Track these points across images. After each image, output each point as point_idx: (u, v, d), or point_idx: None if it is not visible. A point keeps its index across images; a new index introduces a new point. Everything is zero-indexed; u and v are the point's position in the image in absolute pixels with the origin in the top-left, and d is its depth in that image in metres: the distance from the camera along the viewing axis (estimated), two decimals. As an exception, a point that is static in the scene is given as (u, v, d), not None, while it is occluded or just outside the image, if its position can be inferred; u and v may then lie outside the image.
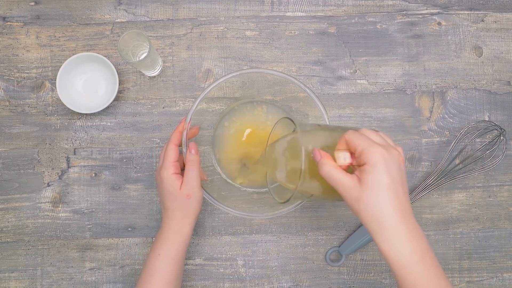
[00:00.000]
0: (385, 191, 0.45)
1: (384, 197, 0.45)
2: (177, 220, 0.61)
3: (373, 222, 0.46)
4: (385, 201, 0.45)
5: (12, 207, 0.72)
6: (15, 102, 0.73)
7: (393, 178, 0.45)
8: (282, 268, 0.71)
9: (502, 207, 0.73)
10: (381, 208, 0.45)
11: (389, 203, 0.45)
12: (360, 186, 0.46)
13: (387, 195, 0.45)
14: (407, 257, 0.45)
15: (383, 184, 0.45)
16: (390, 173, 0.45)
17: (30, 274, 0.71)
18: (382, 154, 0.46)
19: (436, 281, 0.46)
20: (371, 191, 0.45)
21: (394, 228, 0.45)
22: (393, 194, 0.45)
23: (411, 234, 0.45)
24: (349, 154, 0.48)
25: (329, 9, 0.75)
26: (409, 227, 0.46)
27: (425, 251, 0.46)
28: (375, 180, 0.45)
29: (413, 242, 0.45)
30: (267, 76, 0.65)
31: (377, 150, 0.46)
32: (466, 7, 0.75)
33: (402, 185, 0.47)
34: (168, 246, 0.60)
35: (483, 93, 0.74)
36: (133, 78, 0.73)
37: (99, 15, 0.74)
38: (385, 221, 0.45)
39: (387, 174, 0.45)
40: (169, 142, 0.62)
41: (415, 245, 0.45)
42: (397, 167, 0.46)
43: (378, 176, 0.45)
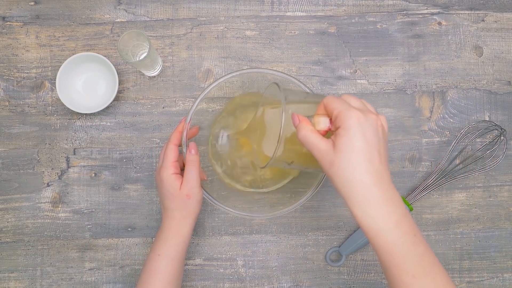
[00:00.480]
0: (357, 155, 0.44)
1: (356, 160, 0.44)
2: (176, 220, 0.61)
3: (345, 187, 0.45)
4: (357, 165, 0.44)
5: (12, 207, 0.72)
6: (15, 102, 0.73)
7: (367, 142, 0.44)
8: (282, 268, 0.71)
9: (502, 207, 0.73)
10: (353, 172, 0.44)
11: (361, 167, 0.44)
12: (334, 150, 0.45)
13: (360, 158, 0.44)
14: (380, 223, 0.44)
15: (356, 147, 0.44)
16: (365, 137, 0.44)
17: (30, 274, 0.71)
18: (358, 117, 0.44)
19: (412, 248, 0.44)
20: (343, 154, 0.44)
21: (366, 193, 0.44)
22: (366, 158, 0.44)
23: (385, 199, 0.44)
24: (329, 119, 0.48)
25: (329, 9, 0.74)
26: (383, 193, 0.44)
27: (401, 216, 0.45)
28: (348, 143, 0.44)
29: (387, 208, 0.44)
30: (267, 76, 0.65)
31: (352, 114, 0.45)
32: (467, 7, 0.75)
33: (378, 150, 0.45)
34: (168, 246, 0.60)
35: (484, 93, 0.74)
36: (133, 78, 0.73)
37: (99, 15, 0.74)
38: (357, 185, 0.44)
39: (361, 137, 0.44)
40: (169, 142, 0.62)
41: (389, 211, 0.44)
42: (373, 131, 0.45)
43: (351, 139, 0.44)
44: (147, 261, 0.61)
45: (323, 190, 0.72)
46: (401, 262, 0.44)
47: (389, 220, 0.44)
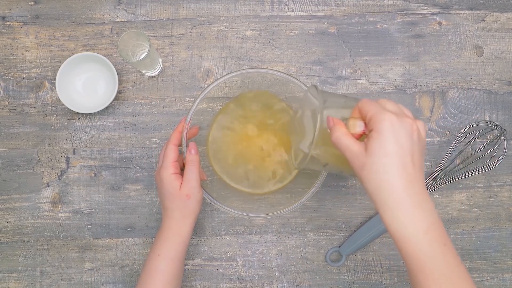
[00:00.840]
0: (389, 158, 0.43)
1: (388, 164, 0.43)
2: (176, 220, 0.60)
3: (376, 191, 0.44)
4: (389, 169, 0.43)
5: (12, 207, 0.72)
6: (15, 102, 0.73)
7: (401, 146, 0.43)
8: (282, 268, 0.71)
9: (502, 207, 0.73)
10: (384, 176, 0.43)
11: (393, 171, 0.43)
12: (366, 152, 0.44)
13: (392, 162, 0.43)
14: (409, 229, 0.43)
15: (388, 151, 0.43)
16: (398, 141, 0.43)
17: (30, 274, 0.71)
18: (391, 120, 0.44)
19: (441, 257, 0.43)
20: (375, 158, 0.43)
21: (396, 197, 0.43)
22: (398, 162, 0.43)
23: (416, 205, 0.43)
24: (363, 123, 0.48)
25: (329, 9, 0.74)
26: (415, 198, 0.43)
27: (432, 224, 0.44)
28: (380, 146, 0.43)
29: (418, 214, 0.43)
30: (267, 76, 0.65)
31: (385, 117, 0.44)
32: (467, 6, 0.75)
33: (411, 155, 0.44)
34: (168, 246, 0.60)
35: (484, 93, 0.74)
36: (133, 78, 0.73)
37: (99, 15, 0.74)
38: (388, 189, 0.43)
39: (394, 141, 0.43)
40: (169, 142, 0.62)
41: (419, 217, 0.43)
42: (407, 135, 0.44)
43: (384, 142, 0.43)
44: (147, 261, 0.61)
45: (323, 190, 0.72)
46: (427, 270, 0.43)
47: (419, 226, 0.43)
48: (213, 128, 0.68)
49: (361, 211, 0.72)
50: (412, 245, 0.43)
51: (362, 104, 0.47)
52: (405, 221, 0.43)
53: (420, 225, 0.43)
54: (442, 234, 0.44)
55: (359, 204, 0.72)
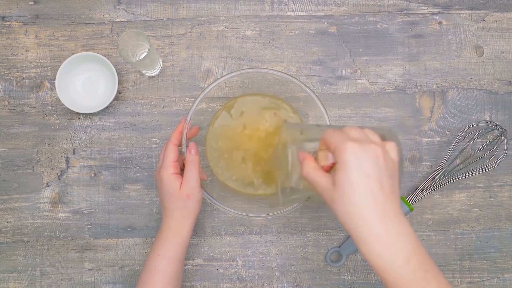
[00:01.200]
0: (356, 189, 0.42)
1: (355, 195, 0.42)
2: (176, 220, 0.60)
3: (348, 223, 0.43)
4: (357, 200, 0.42)
5: (11, 208, 0.71)
6: (14, 102, 0.73)
7: (366, 175, 0.42)
8: (282, 268, 0.71)
9: (503, 207, 0.72)
10: (353, 208, 0.43)
11: (361, 202, 0.42)
12: (334, 186, 0.44)
13: (359, 193, 0.42)
14: (388, 260, 0.42)
15: (354, 182, 0.42)
16: (362, 169, 0.42)
17: (29, 274, 0.71)
18: (354, 150, 0.43)
19: (423, 285, 0.42)
20: (342, 190, 0.43)
21: (369, 229, 0.42)
22: (366, 191, 0.42)
23: (391, 235, 0.42)
24: (329, 154, 0.46)
25: (329, 9, 0.74)
26: (390, 227, 0.42)
27: (411, 253, 0.43)
28: (346, 178, 0.42)
29: (394, 244, 0.42)
30: (267, 76, 0.65)
31: (347, 147, 0.43)
32: (467, 6, 0.75)
33: (379, 182, 0.43)
34: (168, 246, 0.60)
35: (484, 93, 0.74)
36: (133, 78, 0.73)
37: (99, 15, 0.73)
38: (359, 221, 0.43)
39: (358, 171, 0.42)
40: (169, 142, 0.62)
41: (396, 247, 0.42)
42: (372, 162, 0.43)
43: (348, 173, 0.42)
44: (146, 261, 0.61)
45: (323, 190, 0.72)
46: None
47: (397, 257, 0.42)
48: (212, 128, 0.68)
49: (361, 211, 0.72)
50: (392, 276, 0.42)
51: (325, 135, 0.46)
52: (383, 253, 0.42)
53: (399, 255, 0.42)
54: (422, 260, 0.43)
55: (359, 204, 0.72)
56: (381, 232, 0.42)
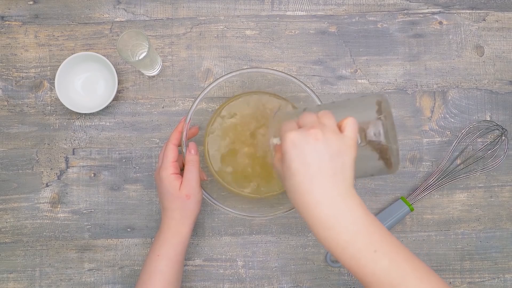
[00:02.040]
0: (297, 178, 0.43)
1: (296, 184, 0.43)
2: (176, 220, 0.60)
3: (298, 211, 0.44)
4: (298, 188, 0.43)
5: (11, 208, 0.71)
6: (14, 102, 0.72)
7: (305, 163, 0.43)
8: (282, 269, 0.71)
9: (503, 207, 0.72)
10: (296, 196, 0.43)
11: (302, 189, 0.43)
12: (283, 175, 0.45)
13: (299, 181, 0.43)
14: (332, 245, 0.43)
15: (292, 171, 0.43)
16: (301, 158, 0.43)
17: (29, 275, 0.71)
18: (292, 140, 0.43)
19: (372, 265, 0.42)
20: (287, 181, 0.44)
21: (312, 215, 0.43)
22: (305, 179, 0.43)
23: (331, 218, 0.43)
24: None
25: (329, 8, 0.74)
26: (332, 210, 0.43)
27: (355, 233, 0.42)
28: (286, 169, 0.44)
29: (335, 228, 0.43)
30: (267, 75, 0.64)
31: (286, 137, 0.43)
32: (468, 6, 0.74)
33: (319, 167, 0.43)
34: (167, 246, 0.60)
35: (485, 92, 0.73)
36: (132, 77, 0.73)
37: (98, 14, 0.73)
38: (303, 207, 0.43)
39: (296, 160, 0.43)
40: (168, 142, 0.61)
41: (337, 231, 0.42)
42: (311, 149, 0.43)
43: (288, 164, 0.43)
44: (146, 262, 0.61)
45: (324, 190, 0.72)
46: (365, 278, 0.43)
47: (340, 240, 0.42)
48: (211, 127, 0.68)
49: (361, 211, 0.72)
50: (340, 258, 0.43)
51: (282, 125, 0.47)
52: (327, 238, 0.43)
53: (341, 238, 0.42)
54: (367, 241, 0.43)
55: (360, 204, 0.72)
56: (321, 217, 0.43)
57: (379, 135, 0.48)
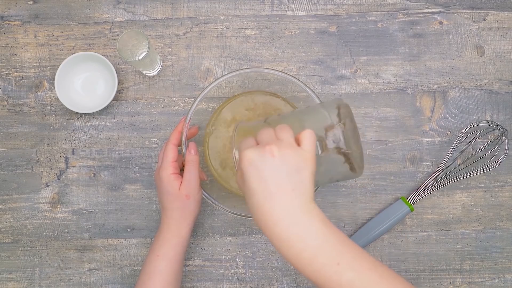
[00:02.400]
0: (255, 196, 0.43)
1: (255, 202, 0.43)
2: (176, 220, 0.60)
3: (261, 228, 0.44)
4: (258, 207, 0.43)
5: (10, 208, 0.71)
6: (13, 101, 0.72)
7: (262, 180, 0.42)
8: (283, 269, 0.71)
9: (504, 207, 0.72)
10: (256, 213, 0.43)
11: (261, 208, 0.43)
12: (244, 193, 0.45)
13: (258, 199, 0.43)
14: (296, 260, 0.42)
15: (251, 189, 0.43)
16: (259, 175, 0.43)
17: (29, 275, 0.70)
18: (249, 158, 0.43)
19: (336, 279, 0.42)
20: (247, 199, 0.44)
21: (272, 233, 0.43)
22: (264, 196, 0.43)
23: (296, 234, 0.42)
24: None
25: (329, 8, 0.74)
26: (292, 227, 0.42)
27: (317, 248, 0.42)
28: (245, 187, 0.44)
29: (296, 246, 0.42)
30: (267, 75, 0.64)
31: (243, 156, 0.43)
32: (468, 6, 0.74)
33: (276, 183, 0.43)
34: (167, 247, 0.60)
35: (485, 92, 0.73)
36: (132, 77, 0.73)
37: (98, 14, 0.73)
38: (263, 225, 0.43)
39: (254, 178, 0.43)
40: (168, 142, 0.61)
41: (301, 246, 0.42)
42: (268, 165, 0.42)
43: (246, 182, 0.43)
44: (145, 262, 0.61)
45: (324, 190, 0.72)
46: None
47: (303, 257, 0.42)
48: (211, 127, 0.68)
49: (361, 211, 0.71)
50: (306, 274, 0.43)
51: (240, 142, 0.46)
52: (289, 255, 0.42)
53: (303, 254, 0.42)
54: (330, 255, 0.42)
55: (360, 205, 0.72)
56: (283, 235, 0.42)
57: (339, 141, 0.48)
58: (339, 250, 0.42)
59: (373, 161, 0.72)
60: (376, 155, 0.72)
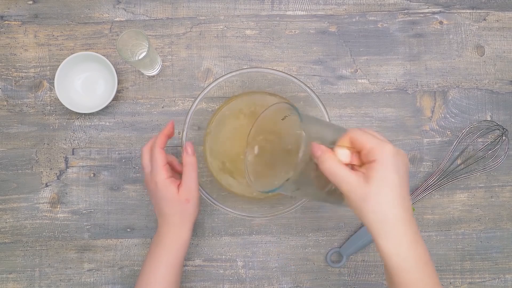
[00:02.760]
0: (393, 190, 0.43)
1: (392, 196, 0.43)
2: (176, 225, 0.59)
3: (378, 222, 0.43)
4: (393, 200, 0.43)
5: (10, 208, 0.71)
6: (13, 101, 0.72)
7: (401, 177, 0.43)
8: (282, 269, 0.71)
9: (504, 207, 0.72)
10: (388, 208, 0.43)
11: (397, 203, 0.43)
12: (367, 183, 0.43)
13: (395, 194, 0.43)
14: (410, 262, 0.44)
15: (392, 182, 0.43)
16: (399, 171, 0.43)
17: (28, 275, 0.70)
18: (392, 151, 0.43)
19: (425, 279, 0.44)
20: (379, 189, 0.43)
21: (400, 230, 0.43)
22: (400, 193, 0.43)
23: (415, 238, 0.44)
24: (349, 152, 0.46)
25: (329, 8, 0.74)
26: (413, 230, 0.44)
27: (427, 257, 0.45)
28: (384, 177, 0.43)
29: (418, 248, 0.44)
30: (267, 75, 0.64)
31: (388, 147, 0.44)
32: (468, 6, 0.74)
33: (407, 186, 0.45)
34: (167, 252, 0.59)
35: (485, 92, 0.73)
36: (132, 77, 0.73)
37: (98, 14, 0.73)
38: (392, 221, 0.43)
39: (396, 172, 0.43)
40: (155, 146, 0.59)
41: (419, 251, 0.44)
42: (405, 166, 0.45)
43: (388, 173, 0.43)
44: (144, 267, 0.60)
45: (324, 190, 0.72)
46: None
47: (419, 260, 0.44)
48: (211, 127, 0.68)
49: (361, 211, 0.71)
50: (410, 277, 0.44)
51: (355, 134, 0.45)
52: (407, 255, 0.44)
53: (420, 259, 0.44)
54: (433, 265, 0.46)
55: (360, 205, 0.71)
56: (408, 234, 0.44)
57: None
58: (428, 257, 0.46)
59: (373, 161, 0.72)
60: (376, 155, 0.72)
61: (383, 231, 0.43)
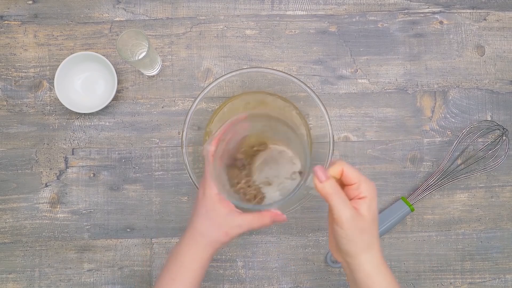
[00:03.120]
0: (376, 224, 0.49)
1: (376, 226, 0.49)
2: (201, 246, 0.53)
3: (367, 248, 0.49)
4: (375, 229, 0.50)
5: (10, 208, 0.71)
6: (13, 101, 0.72)
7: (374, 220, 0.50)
8: (282, 269, 0.71)
9: (504, 207, 0.72)
10: (373, 236, 0.49)
11: (377, 230, 0.50)
12: (361, 216, 0.48)
13: (377, 225, 0.50)
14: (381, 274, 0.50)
15: (376, 215, 0.49)
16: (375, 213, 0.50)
17: (28, 275, 0.70)
18: (375, 190, 0.49)
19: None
20: (371, 222, 0.48)
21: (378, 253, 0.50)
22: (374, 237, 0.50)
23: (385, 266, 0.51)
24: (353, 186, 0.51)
25: (329, 8, 0.74)
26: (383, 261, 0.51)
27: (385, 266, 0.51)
28: (374, 210, 0.49)
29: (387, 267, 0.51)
30: (267, 75, 0.64)
31: (373, 186, 0.49)
32: (468, 5, 0.74)
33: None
34: (184, 271, 0.53)
35: (486, 92, 0.73)
36: (132, 77, 0.73)
37: (98, 14, 0.73)
38: (374, 245, 0.49)
39: (376, 206, 0.50)
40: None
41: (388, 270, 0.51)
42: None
43: (375, 207, 0.49)
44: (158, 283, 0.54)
45: (324, 190, 0.71)
46: None
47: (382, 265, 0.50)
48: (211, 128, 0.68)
49: (362, 211, 0.71)
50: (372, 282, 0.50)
51: (348, 168, 0.49)
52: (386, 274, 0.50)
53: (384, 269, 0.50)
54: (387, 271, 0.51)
55: (360, 205, 0.71)
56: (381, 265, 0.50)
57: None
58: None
59: (374, 161, 0.72)
60: (377, 155, 0.72)
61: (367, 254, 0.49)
